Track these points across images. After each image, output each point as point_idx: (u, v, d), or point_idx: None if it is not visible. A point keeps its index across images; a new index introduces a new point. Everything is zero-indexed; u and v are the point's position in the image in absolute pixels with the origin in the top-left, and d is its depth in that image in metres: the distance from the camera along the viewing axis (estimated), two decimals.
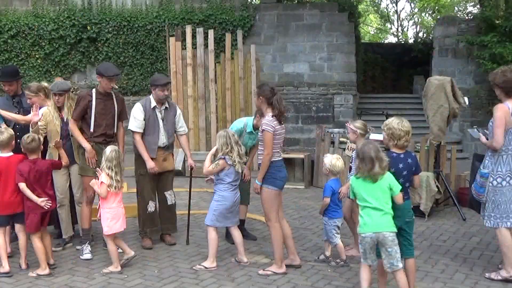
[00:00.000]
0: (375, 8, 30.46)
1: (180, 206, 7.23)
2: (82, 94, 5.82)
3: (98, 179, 5.16)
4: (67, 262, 5.40)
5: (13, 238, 5.56)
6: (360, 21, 21.07)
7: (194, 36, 11.37)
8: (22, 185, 4.99)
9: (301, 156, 9.88)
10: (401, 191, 4.20)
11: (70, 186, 5.94)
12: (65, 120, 5.81)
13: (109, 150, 5.17)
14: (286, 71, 14.55)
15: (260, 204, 5.24)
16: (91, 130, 5.69)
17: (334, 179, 5.43)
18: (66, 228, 5.91)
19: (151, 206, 5.89)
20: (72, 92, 6.00)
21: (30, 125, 5.74)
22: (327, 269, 5.18)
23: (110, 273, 5.05)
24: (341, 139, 9.45)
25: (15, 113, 6.22)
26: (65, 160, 5.52)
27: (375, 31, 32.47)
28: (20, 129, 6.04)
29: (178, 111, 6.12)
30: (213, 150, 5.34)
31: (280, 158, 5.09)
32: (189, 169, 6.11)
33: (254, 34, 14.49)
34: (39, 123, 5.74)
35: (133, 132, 5.81)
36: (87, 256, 5.49)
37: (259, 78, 11.84)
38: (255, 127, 5.86)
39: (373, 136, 7.23)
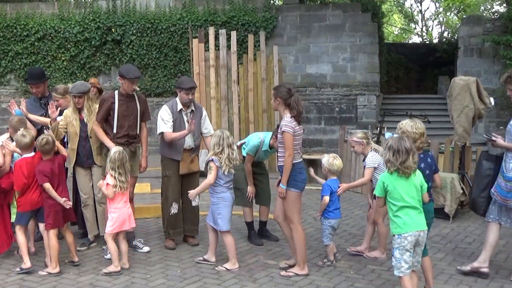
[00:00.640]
0: (399, 8, 30.18)
1: (202, 207, 7.27)
2: (105, 96, 5.88)
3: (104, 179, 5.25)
4: (92, 262, 5.48)
5: (38, 238, 5.66)
6: (383, 21, 20.87)
7: (217, 38, 11.42)
8: (47, 185, 5.08)
9: None
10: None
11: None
12: (85, 121, 5.87)
13: (112, 151, 5.23)
14: (308, 72, 14.52)
15: None
16: (114, 131, 5.75)
17: (332, 179, 5.42)
18: (91, 227, 5.98)
19: (174, 208, 5.93)
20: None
21: (49, 121, 5.82)
22: (349, 271, 5.15)
23: (110, 273, 5.08)
24: None
25: (42, 114, 6.33)
26: (63, 151, 5.57)
27: (399, 31, 32.18)
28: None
29: (204, 113, 6.13)
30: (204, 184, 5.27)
31: (300, 160, 5.09)
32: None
33: (276, 35, 14.49)
34: (61, 123, 5.82)
35: (164, 132, 5.81)
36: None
37: (281, 79, 11.82)
38: (271, 147, 5.90)
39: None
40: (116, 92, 5.85)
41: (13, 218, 5.56)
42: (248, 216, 6.22)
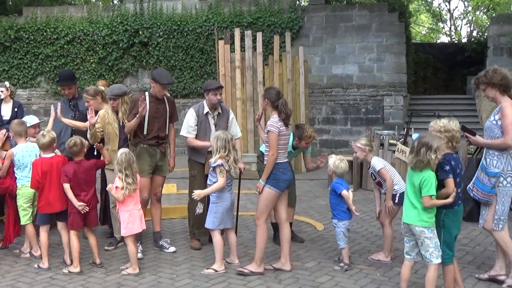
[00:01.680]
0: (427, 7, 29.81)
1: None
2: (136, 98, 5.92)
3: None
4: (119, 261, 5.54)
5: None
6: (411, 21, 20.65)
7: (242, 39, 11.46)
8: (66, 186, 5.17)
9: (350, 158, 9.76)
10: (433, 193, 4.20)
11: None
12: (121, 123, 5.96)
13: (119, 153, 5.22)
14: (334, 72, 14.45)
15: (309, 206, 5.26)
16: (145, 133, 5.81)
17: (339, 178, 5.37)
18: (119, 227, 6.03)
19: (200, 208, 5.95)
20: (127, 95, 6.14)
21: (88, 127, 5.88)
22: (375, 273, 5.11)
23: (128, 274, 5.12)
24: (391, 141, 9.31)
25: (72, 116, 6.44)
26: (107, 158, 5.66)
27: (427, 31, 31.78)
28: (80, 134, 6.26)
29: (231, 116, 6.14)
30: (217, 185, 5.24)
31: (285, 160, 5.15)
32: (238, 172, 6.09)
33: (302, 36, 14.46)
34: (96, 125, 5.91)
35: (188, 138, 5.88)
36: (139, 255, 5.61)
37: (307, 80, 11.80)
38: (294, 147, 5.94)
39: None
40: (147, 93, 5.92)
41: (23, 220, 5.62)
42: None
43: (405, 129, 10.32)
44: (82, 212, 5.20)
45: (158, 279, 5.02)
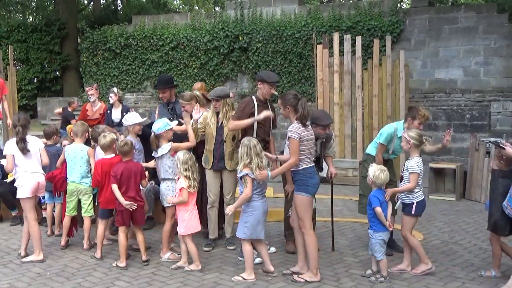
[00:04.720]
0: None
1: (323, 213, 7.27)
2: (246, 100, 6.05)
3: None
4: (216, 261, 5.70)
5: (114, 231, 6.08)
6: None
7: (341, 43, 11.36)
8: (114, 186, 5.50)
9: (453, 166, 9.38)
10: None
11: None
12: (218, 125, 6.10)
13: (181, 154, 5.42)
14: (437, 77, 13.91)
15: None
16: (254, 136, 5.92)
17: (377, 190, 5.14)
18: (213, 229, 6.21)
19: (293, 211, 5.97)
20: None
21: (191, 122, 6.06)
22: None
23: (191, 271, 5.32)
24: None
25: (169, 118, 6.69)
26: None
27: None
28: (178, 137, 6.55)
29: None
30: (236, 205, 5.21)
31: (312, 165, 5.06)
32: (329, 176, 5.99)
33: (403, 40, 14.07)
34: (199, 126, 6.12)
35: None
36: (259, 259, 5.59)
37: (407, 84, 11.48)
38: None
39: None
40: (254, 97, 6.03)
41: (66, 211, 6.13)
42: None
43: None
44: (131, 209, 5.47)
45: (253, 281, 5.10)
